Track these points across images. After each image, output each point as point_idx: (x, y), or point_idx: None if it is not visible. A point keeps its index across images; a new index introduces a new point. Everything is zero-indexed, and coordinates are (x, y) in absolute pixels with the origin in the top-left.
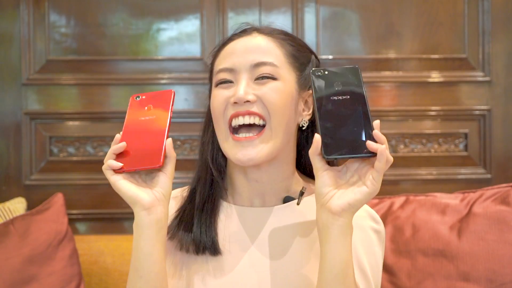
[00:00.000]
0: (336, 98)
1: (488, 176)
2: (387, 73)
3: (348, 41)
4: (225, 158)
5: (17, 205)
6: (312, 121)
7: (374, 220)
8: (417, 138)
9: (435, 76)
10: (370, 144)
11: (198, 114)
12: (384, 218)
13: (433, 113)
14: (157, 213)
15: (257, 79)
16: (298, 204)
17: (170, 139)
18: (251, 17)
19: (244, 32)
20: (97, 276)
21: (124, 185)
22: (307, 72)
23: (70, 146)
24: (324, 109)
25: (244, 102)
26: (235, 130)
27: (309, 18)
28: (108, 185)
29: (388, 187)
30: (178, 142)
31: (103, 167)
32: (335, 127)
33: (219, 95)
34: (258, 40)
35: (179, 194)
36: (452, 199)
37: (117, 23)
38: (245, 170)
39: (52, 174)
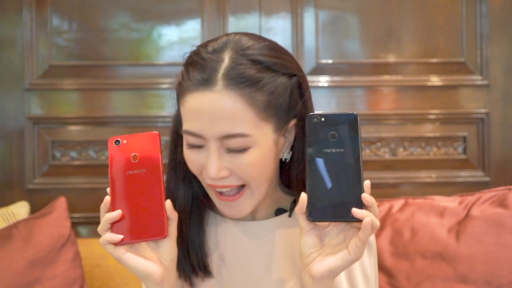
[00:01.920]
0: (329, 151)
1: (487, 179)
2: (386, 77)
3: (348, 45)
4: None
5: (20, 209)
6: (292, 147)
7: None
8: (416, 142)
9: (434, 80)
10: (355, 212)
11: None
12: (383, 220)
13: (432, 116)
14: (169, 283)
15: (228, 150)
16: (289, 216)
17: (168, 201)
18: (251, 21)
19: (206, 80)
20: (99, 279)
21: (131, 259)
22: (287, 108)
23: (72, 151)
24: (315, 164)
25: (219, 179)
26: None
27: (309, 22)
28: None
29: (388, 190)
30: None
31: (101, 241)
32: (323, 187)
33: (193, 162)
34: (224, 102)
35: None
36: (450, 202)
37: (118, 28)
38: None
39: (54, 178)
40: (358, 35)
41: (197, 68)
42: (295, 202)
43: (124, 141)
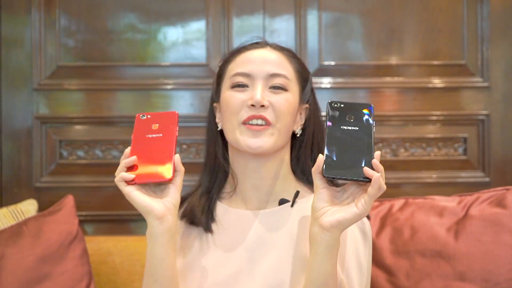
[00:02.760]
0: (345, 128)
1: (487, 179)
2: (388, 78)
3: (350, 47)
4: (227, 162)
5: (29, 207)
6: (303, 129)
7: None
8: (417, 142)
9: (435, 82)
10: (367, 170)
11: (203, 118)
12: (384, 220)
13: (433, 118)
14: (168, 222)
15: (271, 87)
16: (292, 206)
17: (177, 155)
18: (255, 23)
19: (257, 44)
20: (106, 275)
21: (138, 196)
22: (306, 90)
23: (79, 150)
24: (332, 135)
25: (260, 106)
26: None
27: (312, 24)
28: (116, 188)
29: (389, 190)
30: (184, 146)
31: (116, 179)
32: (339, 151)
33: (235, 96)
34: (273, 54)
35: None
36: (449, 202)
37: (125, 29)
38: (247, 163)
39: (61, 176)
40: (361, 37)
41: (250, 44)
42: (297, 194)
43: (149, 116)
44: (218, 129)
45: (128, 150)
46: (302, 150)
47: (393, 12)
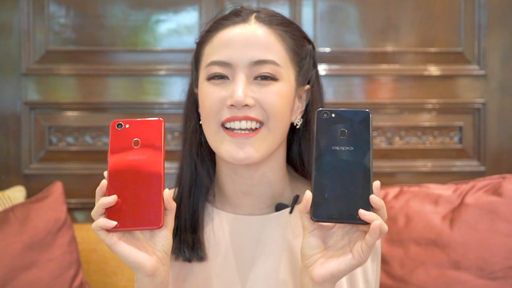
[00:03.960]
0: (338, 149)
1: (482, 168)
2: (384, 66)
3: (346, 34)
4: (212, 162)
5: (17, 194)
6: (304, 116)
7: None
8: (412, 131)
9: (432, 70)
10: (363, 214)
11: None
12: None
13: (429, 106)
14: (161, 275)
15: (256, 78)
16: (290, 212)
17: (167, 191)
18: None
19: (239, 17)
20: (95, 263)
21: (123, 249)
22: (304, 69)
23: (69, 136)
24: (322, 161)
25: (242, 106)
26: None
27: (307, 11)
28: None
29: (384, 179)
30: (176, 133)
31: (93, 226)
32: (330, 185)
33: (212, 93)
34: (258, 32)
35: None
36: (445, 190)
37: (116, 14)
38: (236, 169)
39: (51, 163)
40: (356, 24)
41: (231, 14)
42: (297, 199)
43: (127, 125)
44: (200, 122)
45: (104, 182)
46: (303, 144)
47: None
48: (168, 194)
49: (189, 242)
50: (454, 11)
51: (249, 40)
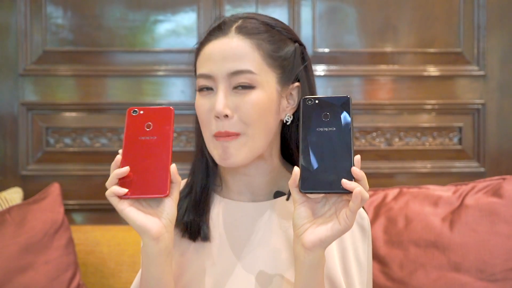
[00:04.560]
0: (321, 130)
1: (482, 169)
2: (383, 66)
3: (345, 34)
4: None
5: (14, 195)
6: (295, 114)
7: (358, 215)
8: (412, 132)
9: (431, 70)
10: (345, 182)
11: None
12: (378, 209)
13: (428, 106)
14: (165, 241)
15: (235, 88)
16: (287, 199)
17: (174, 165)
18: (248, 10)
19: (220, 30)
20: (93, 265)
21: (132, 214)
22: (289, 67)
23: (67, 137)
24: (307, 141)
25: (223, 116)
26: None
27: (306, 11)
28: (105, 176)
29: (383, 180)
30: (175, 134)
31: (107, 193)
32: (315, 161)
33: (202, 106)
34: (234, 44)
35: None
36: (444, 191)
37: (114, 15)
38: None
39: (48, 164)
40: (355, 24)
41: (216, 28)
42: None
43: (141, 112)
44: None
45: (119, 157)
46: (293, 139)
47: None
48: (175, 168)
49: (195, 223)
50: (453, 11)
51: (226, 52)
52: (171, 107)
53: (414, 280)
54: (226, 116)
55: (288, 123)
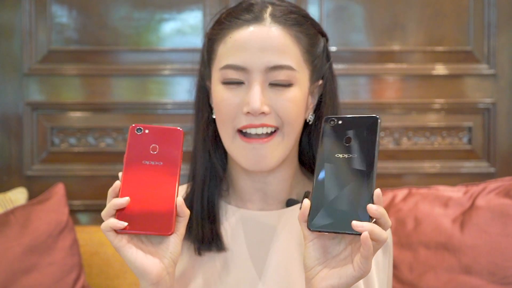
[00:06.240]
0: (341, 156)
1: (492, 170)
2: (391, 65)
3: (352, 33)
4: (225, 155)
5: (18, 195)
6: (317, 109)
7: None
8: (420, 131)
9: (440, 69)
10: (355, 225)
11: None
12: (387, 210)
13: (437, 106)
14: (165, 284)
15: (271, 84)
16: (300, 208)
17: (180, 198)
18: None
19: (251, 13)
20: (97, 267)
21: (130, 253)
22: (319, 65)
23: (72, 137)
24: (323, 169)
25: (259, 113)
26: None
27: (313, 10)
28: (110, 177)
29: (391, 180)
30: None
31: (102, 227)
32: (329, 193)
33: (228, 100)
34: (273, 34)
35: (184, 192)
36: (455, 192)
37: (119, 14)
38: (248, 171)
39: (53, 165)
40: (363, 23)
41: (243, 9)
42: (307, 195)
43: (146, 131)
44: (213, 116)
45: (118, 182)
46: (313, 139)
47: None
48: (181, 201)
49: (207, 233)
50: (462, 9)
51: (265, 43)
52: (180, 128)
53: (424, 283)
54: (263, 113)
55: (310, 123)
